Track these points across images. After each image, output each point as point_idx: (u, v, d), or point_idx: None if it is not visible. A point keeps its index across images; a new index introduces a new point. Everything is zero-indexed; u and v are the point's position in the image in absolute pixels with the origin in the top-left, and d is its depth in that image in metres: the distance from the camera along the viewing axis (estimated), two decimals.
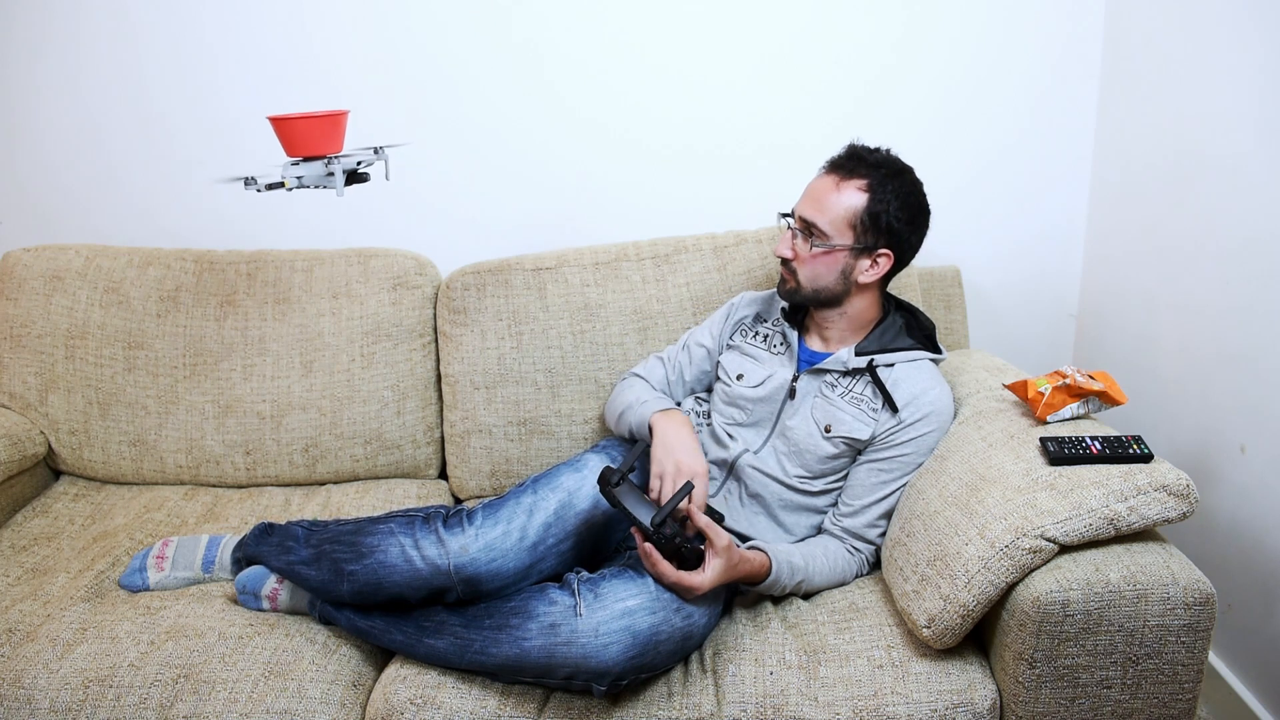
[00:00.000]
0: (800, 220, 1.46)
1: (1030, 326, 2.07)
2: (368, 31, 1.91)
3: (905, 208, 1.44)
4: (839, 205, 1.43)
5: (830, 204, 1.43)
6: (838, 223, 1.43)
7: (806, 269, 1.46)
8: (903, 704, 1.20)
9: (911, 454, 1.43)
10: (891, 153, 1.48)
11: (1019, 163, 1.96)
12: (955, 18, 1.88)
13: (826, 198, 1.44)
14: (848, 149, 1.48)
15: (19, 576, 1.51)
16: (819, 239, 1.43)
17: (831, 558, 1.42)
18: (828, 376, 1.48)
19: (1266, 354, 1.45)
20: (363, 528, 1.37)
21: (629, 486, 1.27)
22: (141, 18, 1.91)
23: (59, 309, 1.82)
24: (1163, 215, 1.72)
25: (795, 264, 1.47)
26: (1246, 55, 1.47)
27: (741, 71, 1.92)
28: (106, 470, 1.83)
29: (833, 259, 1.44)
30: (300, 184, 1.72)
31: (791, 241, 1.47)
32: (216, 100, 1.96)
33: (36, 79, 1.96)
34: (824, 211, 1.43)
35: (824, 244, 1.43)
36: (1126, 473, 1.20)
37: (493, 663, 1.24)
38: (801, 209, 1.47)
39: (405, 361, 1.82)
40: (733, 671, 1.26)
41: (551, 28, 1.90)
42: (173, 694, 1.25)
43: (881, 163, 1.45)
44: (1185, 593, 1.13)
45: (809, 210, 1.45)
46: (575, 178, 1.99)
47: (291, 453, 1.81)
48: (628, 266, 1.80)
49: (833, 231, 1.43)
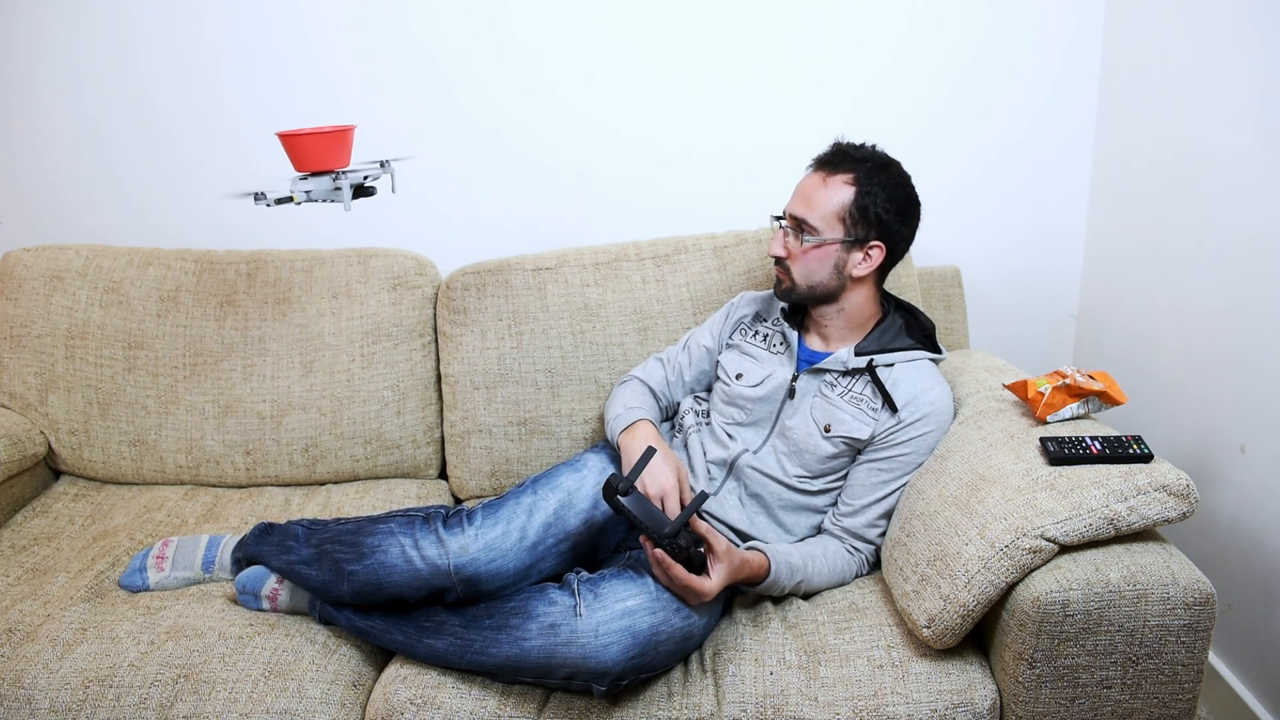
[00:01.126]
0: (791, 218, 1.47)
1: (1030, 326, 2.07)
2: (369, 33, 1.91)
3: (893, 199, 1.44)
4: (827, 200, 1.44)
5: (818, 199, 1.44)
6: (827, 217, 1.44)
7: (799, 266, 1.46)
8: (903, 704, 1.20)
9: (911, 453, 1.43)
10: (878, 148, 1.48)
11: (1019, 163, 1.96)
12: (956, 18, 1.88)
13: (814, 194, 1.45)
14: (833, 146, 1.49)
15: (19, 576, 1.51)
16: (809, 234, 1.44)
17: (831, 558, 1.42)
18: (827, 376, 1.48)
19: (1266, 354, 1.45)
20: (363, 528, 1.37)
21: (636, 495, 1.26)
22: (142, 18, 1.91)
23: (59, 309, 1.82)
24: (1163, 215, 1.72)
25: (789, 262, 1.47)
26: (1246, 55, 1.47)
27: (742, 72, 1.92)
28: (106, 470, 1.83)
29: (824, 253, 1.44)
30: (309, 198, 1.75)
31: (784, 240, 1.47)
32: (216, 101, 1.96)
33: (36, 79, 1.96)
34: (813, 207, 1.44)
35: (815, 239, 1.44)
36: (1126, 473, 1.20)
37: (493, 663, 1.24)
38: (791, 207, 1.48)
39: (405, 361, 1.82)
40: (733, 671, 1.26)
41: (552, 29, 1.90)
42: (173, 694, 1.25)
43: (867, 157, 1.46)
44: (1185, 593, 1.13)
45: (799, 207, 1.46)
46: (575, 178, 1.99)
47: (291, 453, 1.81)
48: (628, 266, 1.80)
49: (823, 226, 1.44)
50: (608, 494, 1.25)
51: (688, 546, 1.24)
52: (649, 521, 1.23)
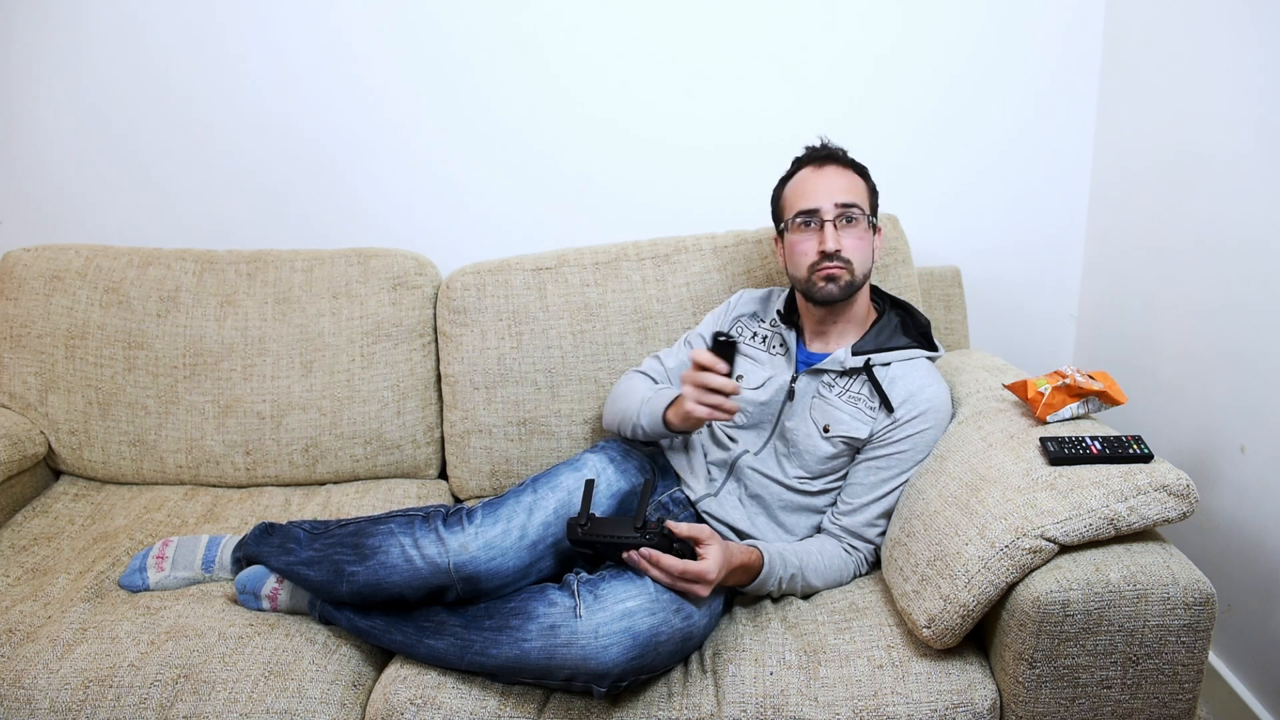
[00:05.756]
0: (838, 206, 1.43)
1: (1030, 326, 2.07)
2: (370, 33, 1.91)
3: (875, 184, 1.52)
4: (858, 185, 1.48)
5: (852, 185, 1.47)
6: (865, 201, 1.47)
7: (859, 254, 1.45)
8: (903, 704, 1.20)
9: (909, 451, 1.43)
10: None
11: (1019, 163, 1.96)
12: (955, 16, 1.88)
13: (844, 180, 1.47)
14: (823, 145, 1.53)
15: (19, 577, 1.51)
16: (857, 218, 1.44)
17: (828, 556, 1.42)
18: (825, 377, 1.48)
19: (1266, 354, 1.45)
20: (363, 529, 1.37)
21: (594, 522, 1.28)
22: (142, 18, 1.91)
23: (59, 309, 1.82)
24: (1163, 215, 1.72)
25: (845, 254, 1.43)
26: (1246, 56, 1.47)
27: (742, 71, 1.92)
28: (106, 470, 1.83)
29: (870, 238, 1.48)
30: None
31: (835, 233, 1.43)
32: (217, 101, 1.96)
33: (36, 79, 1.96)
34: (853, 192, 1.46)
35: (864, 221, 1.45)
36: (1126, 473, 1.20)
37: (492, 664, 1.24)
38: (836, 196, 1.44)
39: (405, 361, 1.82)
40: (733, 671, 1.26)
41: (555, 27, 1.90)
42: (173, 694, 1.25)
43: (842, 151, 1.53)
44: (1185, 593, 1.13)
45: (845, 194, 1.45)
46: (575, 178, 1.99)
47: (291, 453, 1.81)
48: (628, 266, 1.80)
49: (868, 209, 1.47)
50: (572, 536, 1.28)
51: (669, 536, 1.26)
52: (617, 531, 1.26)
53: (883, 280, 1.73)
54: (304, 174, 1.99)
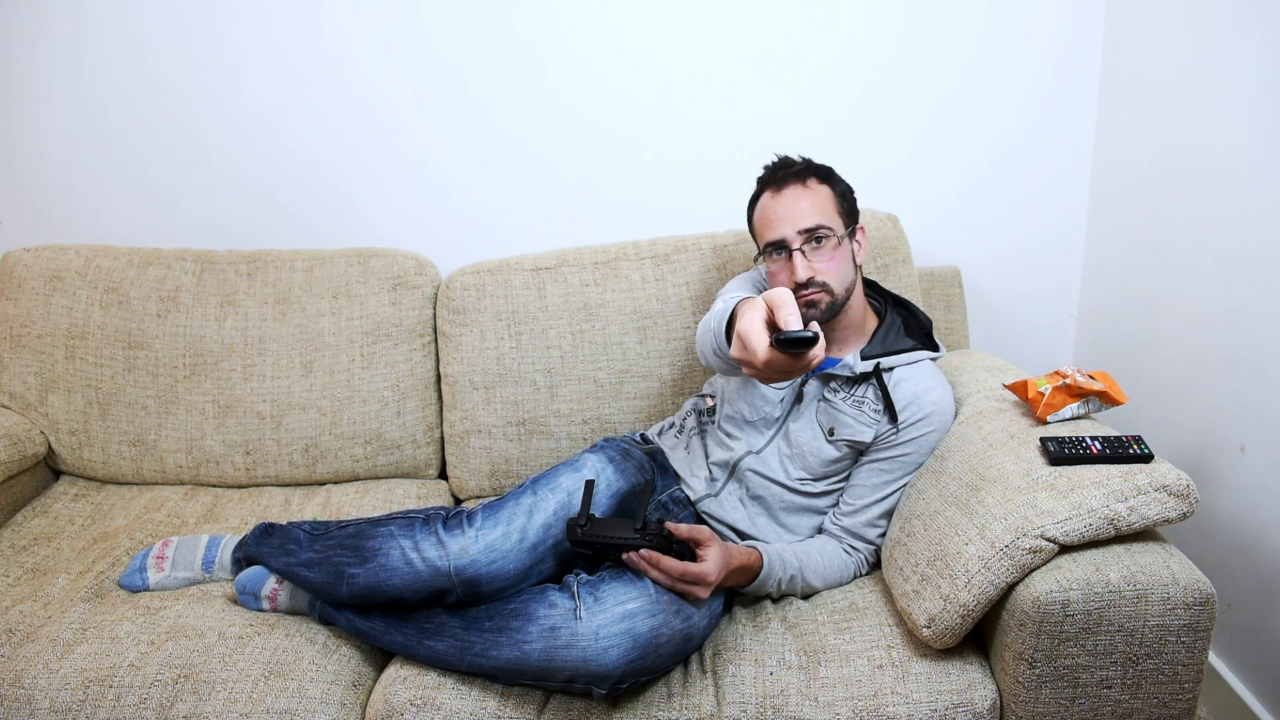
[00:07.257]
0: (802, 233, 1.42)
1: (1030, 327, 2.07)
2: (370, 33, 1.91)
3: (847, 185, 1.51)
4: (821, 201, 1.45)
5: (816, 203, 1.44)
6: (830, 215, 1.45)
7: (834, 273, 1.43)
8: (903, 704, 1.20)
9: (912, 453, 1.43)
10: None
11: (1019, 164, 1.96)
12: (956, 17, 1.88)
13: (807, 201, 1.44)
14: (780, 162, 1.50)
15: (19, 577, 1.50)
16: (826, 237, 1.43)
17: (828, 557, 1.42)
18: (832, 381, 1.48)
19: (1266, 355, 1.45)
20: (363, 531, 1.37)
21: (594, 523, 1.28)
22: (142, 17, 1.91)
23: (59, 309, 1.82)
24: (1163, 217, 1.72)
25: (820, 277, 1.42)
26: (1246, 59, 1.47)
27: (741, 72, 1.92)
28: (106, 470, 1.83)
29: (844, 251, 1.46)
30: None
31: (805, 261, 1.42)
32: (217, 100, 1.96)
33: (37, 79, 1.96)
34: (816, 212, 1.44)
35: (835, 237, 1.43)
36: (1126, 473, 1.19)
37: (493, 665, 1.24)
38: (797, 222, 1.43)
39: (405, 361, 1.82)
40: (733, 672, 1.26)
41: (554, 29, 1.90)
42: (173, 694, 1.25)
43: (804, 162, 1.50)
44: (1185, 593, 1.13)
45: (808, 219, 1.43)
46: (575, 178, 1.99)
47: (291, 453, 1.81)
48: (627, 266, 1.80)
49: (833, 224, 1.44)
50: (572, 537, 1.28)
51: (669, 537, 1.26)
52: (617, 532, 1.26)
53: (883, 280, 1.73)
54: (304, 174, 1.99)
